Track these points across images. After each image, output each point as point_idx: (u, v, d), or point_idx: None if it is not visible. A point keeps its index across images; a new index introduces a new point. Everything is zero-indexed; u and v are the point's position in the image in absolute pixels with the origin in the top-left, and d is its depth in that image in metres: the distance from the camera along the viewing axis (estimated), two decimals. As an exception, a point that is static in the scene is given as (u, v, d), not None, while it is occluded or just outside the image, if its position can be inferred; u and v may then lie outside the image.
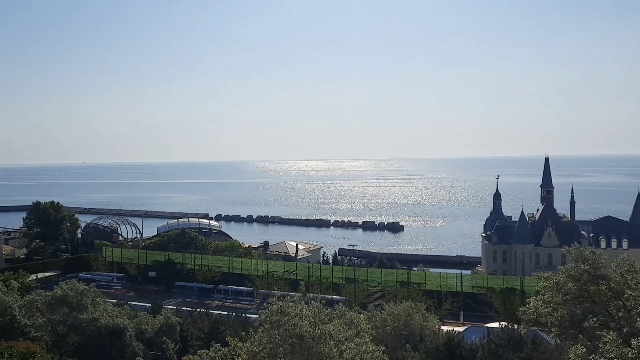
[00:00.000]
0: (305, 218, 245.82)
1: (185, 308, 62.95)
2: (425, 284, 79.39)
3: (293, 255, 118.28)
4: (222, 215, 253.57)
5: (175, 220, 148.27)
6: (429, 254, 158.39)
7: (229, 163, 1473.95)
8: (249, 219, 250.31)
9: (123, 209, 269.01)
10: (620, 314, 23.24)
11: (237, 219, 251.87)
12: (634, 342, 19.57)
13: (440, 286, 78.30)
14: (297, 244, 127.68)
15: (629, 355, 19.32)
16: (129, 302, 62.71)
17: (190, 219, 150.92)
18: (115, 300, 59.65)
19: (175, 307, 60.23)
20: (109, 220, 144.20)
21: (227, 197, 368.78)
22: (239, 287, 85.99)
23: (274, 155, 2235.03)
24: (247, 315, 60.98)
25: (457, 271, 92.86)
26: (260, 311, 28.37)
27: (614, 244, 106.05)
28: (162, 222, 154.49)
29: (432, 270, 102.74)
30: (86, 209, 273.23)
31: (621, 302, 23.75)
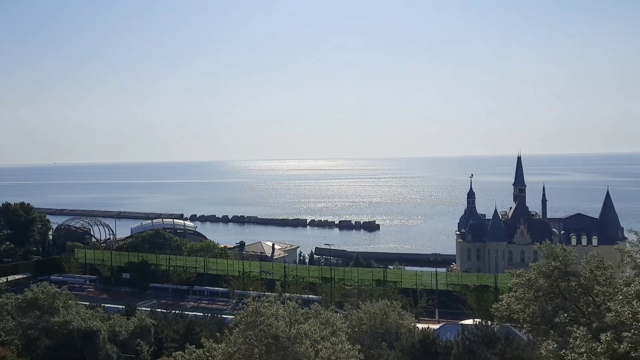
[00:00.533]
0: (281, 218, 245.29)
1: (159, 310, 62.30)
2: (401, 282, 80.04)
3: (269, 255, 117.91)
4: (198, 216, 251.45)
5: (150, 221, 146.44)
6: (405, 252, 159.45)
7: (204, 163, 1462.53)
8: (225, 219, 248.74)
9: (96, 210, 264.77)
10: (589, 309, 23.75)
11: (213, 219, 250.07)
12: (603, 336, 20.02)
13: (416, 284, 79.01)
14: (273, 244, 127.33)
15: (598, 350, 19.76)
16: (102, 305, 61.84)
17: (164, 220, 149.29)
18: (88, 303, 58.69)
19: (149, 309, 59.54)
20: (82, 222, 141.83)
21: (203, 197, 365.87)
22: (215, 288, 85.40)
23: (249, 154, 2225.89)
24: (223, 316, 60.60)
25: (432, 269, 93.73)
26: (236, 312, 28.23)
27: (584, 241, 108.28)
28: (136, 223, 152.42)
29: (407, 268, 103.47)
30: (58, 210, 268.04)
31: (591, 298, 24.26)
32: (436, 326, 55.70)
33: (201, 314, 62.15)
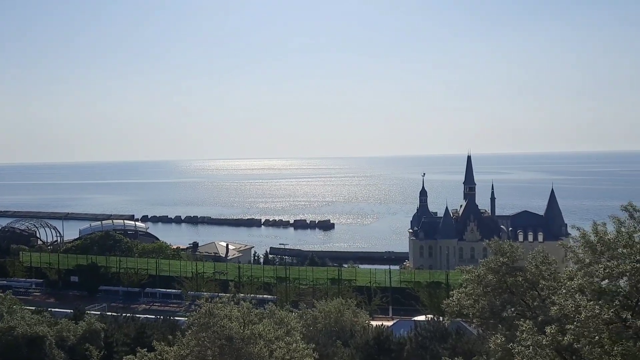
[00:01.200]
0: (235, 218, 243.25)
1: (110, 313, 60.77)
2: (355, 280, 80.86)
3: (223, 255, 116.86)
4: (149, 216, 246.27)
5: (99, 222, 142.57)
6: (359, 250, 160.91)
7: (156, 162, 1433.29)
8: (177, 220, 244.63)
9: (42, 212, 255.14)
10: (535, 303, 24.57)
11: (165, 219, 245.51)
12: (547, 329, 20.76)
13: (370, 282, 79.96)
14: (227, 244, 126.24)
15: (544, 342, 20.48)
16: (49, 309, 59.79)
17: (114, 221, 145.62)
18: (34, 308, 56.60)
19: (99, 313, 58.04)
20: (27, 224, 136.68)
21: (154, 198, 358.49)
22: (167, 290, 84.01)
23: (203, 154, 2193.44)
24: (176, 318, 59.60)
25: (386, 267, 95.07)
26: (189, 313, 27.84)
27: (530, 237, 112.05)
28: (85, 225, 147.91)
29: (362, 266, 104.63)
30: (1, 211, 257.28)
31: (536, 292, 25.10)
32: (390, 323, 56.48)
33: (153, 317, 61.02)
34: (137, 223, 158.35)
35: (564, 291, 21.82)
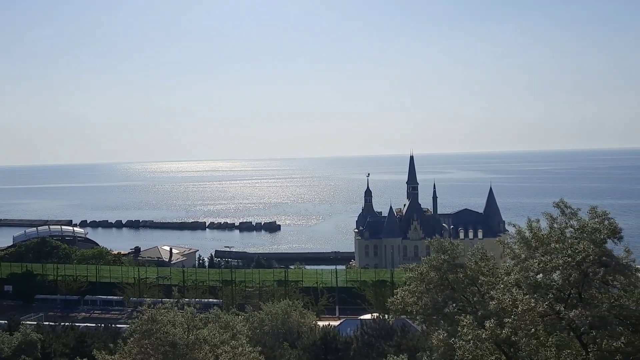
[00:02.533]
0: (179, 221, 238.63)
1: (47, 323, 58.32)
2: (302, 281, 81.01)
3: (167, 260, 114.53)
4: (88, 221, 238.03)
5: (34, 229, 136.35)
6: (306, 251, 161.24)
7: (93, 165, 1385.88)
8: (118, 224, 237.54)
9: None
10: (475, 298, 25.36)
11: (105, 224, 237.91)
12: (487, 323, 21.50)
13: (317, 282, 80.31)
14: (170, 248, 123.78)
15: (483, 336, 21.21)
16: (-20, 321, 56.75)
17: (51, 227, 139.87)
18: (-38, 320, 53.56)
19: (35, 323, 55.53)
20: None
21: (93, 202, 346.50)
22: (108, 297, 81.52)
23: (143, 156, 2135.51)
24: (118, 325, 57.94)
25: (332, 267, 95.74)
26: (131, 320, 27.09)
27: (471, 234, 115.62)
28: (19, 231, 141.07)
29: (308, 267, 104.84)
30: None
31: (476, 288, 25.92)
32: (337, 323, 56.91)
33: (94, 325, 59.08)
34: (75, 228, 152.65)
35: (501, 286, 22.66)
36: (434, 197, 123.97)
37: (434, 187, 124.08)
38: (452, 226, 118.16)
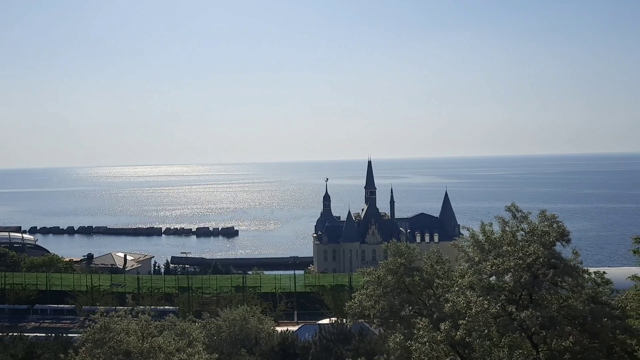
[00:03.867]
0: (134, 227, 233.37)
1: (-7, 334, 55.96)
2: (260, 287, 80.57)
3: (121, 267, 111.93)
4: (38, 228, 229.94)
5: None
6: (264, 257, 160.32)
7: (43, 169, 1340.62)
8: (70, 231, 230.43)
9: None
10: (431, 301, 25.83)
11: (56, 230, 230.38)
12: (442, 326, 21.93)
13: (275, 288, 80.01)
14: (125, 255, 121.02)
15: (439, 338, 21.62)
16: None
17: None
18: None
19: (-20, 334, 53.23)
20: None
21: (44, 208, 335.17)
22: (59, 306, 79.00)
23: (96, 160, 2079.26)
24: (69, 335, 56.19)
25: (291, 272, 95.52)
26: (83, 329, 26.32)
27: (427, 238, 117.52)
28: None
29: (266, 273, 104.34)
30: None
31: (432, 291, 26.40)
32: (295, 328, 56.75)
33: (44, 335, 57.09)
34: (24, 235, 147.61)
35: (456, 288, 23.16)
36: (392, 202, 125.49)
37: (392, 192, 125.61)
38: (409, 230, 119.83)
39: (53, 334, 56.35)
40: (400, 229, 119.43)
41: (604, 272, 23.79)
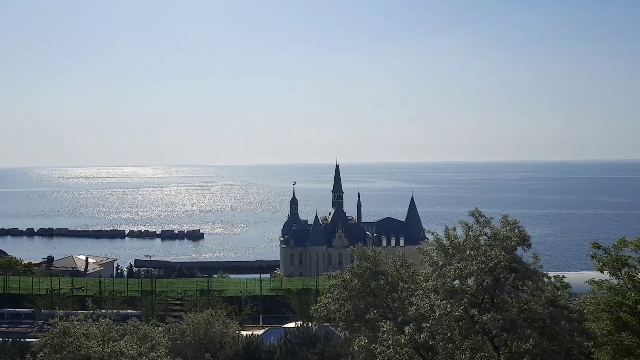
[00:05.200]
0: (96, 229, 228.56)
1: (-54, 339, 53.92)
2: (225, 290, 79.91)
3: (82, 270, 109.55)
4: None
5: None
6: (230, 260, 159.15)
7: (4, 169, 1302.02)
8: (30, 232, 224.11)
9: None
10: (396, 304, 26.11)
11: (15, 232, 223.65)
12: (406, 329, 22.17)
13: (241, 292, 79.46)
14: (86, 258, 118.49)
15: (403, 341, 21.84)
16: None
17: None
18: None
19: None
20: None
21: (1, 208, 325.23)
22: (17, 309, 76.68)
23: (56, 160, 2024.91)
24: (27, 339, 54.57)
25: (257, 275, 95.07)
26: (41, 334, 25.64)
27: (393, 242, 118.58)
28: None
29: (232, 276, 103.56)
30: None
31: (397, 294, 26.70)
32: (260, 332, 56.45)
33: (0, 340, 55.28)
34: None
35: (420, 292, 23.48)
36: (359, 206, 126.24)
37: (359, 196, 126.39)
38: (375, 234, 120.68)
39: (10, 339, 54.64)
40: (367, 232, 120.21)
41: (563, 277, 24.48)
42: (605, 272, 22.84)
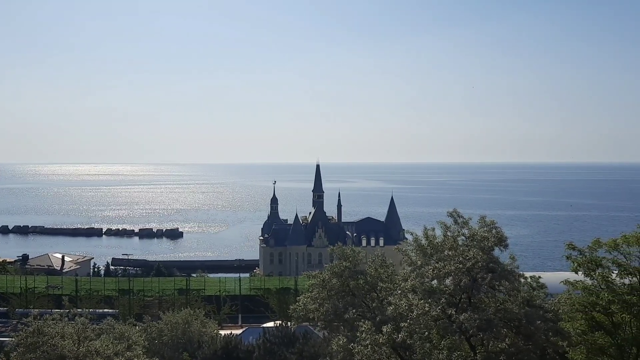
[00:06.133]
0: (73, 227, 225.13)
1: None
2: (204, 290, 79.39)
3: (58, 268, 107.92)
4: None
5: None
6: (209, 259, 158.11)
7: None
8: (4, 230, 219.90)
9: None
10: (374, 304, 26.25)
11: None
12: (384, 328, 22.28)
13: (220, 291, 79.01)
14: (63, 256, 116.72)
15: (381, 341, 21.95)
16: None
17: None
18: None
19: None
20: None
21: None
22: (-10, 309, 75.12)
23: (32, 157, 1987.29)
24: (1, 339, 53.60)
25: (236, 275, 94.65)
26: (14, 333, 25.20)
27: (372, 242, 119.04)
28: None
29: (211, 275, 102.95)
30: None
31: (376, 294, 26.83)
32: (239, 331, 56.22)
33: (-29, 340, 54.15)
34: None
35: (399, 292, 23.61)
36: (339, 206, 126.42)
37: (339, 196, 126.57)
38: (355, 234, 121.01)
39: (-18, 339, 53.62)
40: (347, 232, 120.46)
41: (539, 277, 24.84)
42: (580, 272, 23.23)
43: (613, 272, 22.90)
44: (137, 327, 37.39)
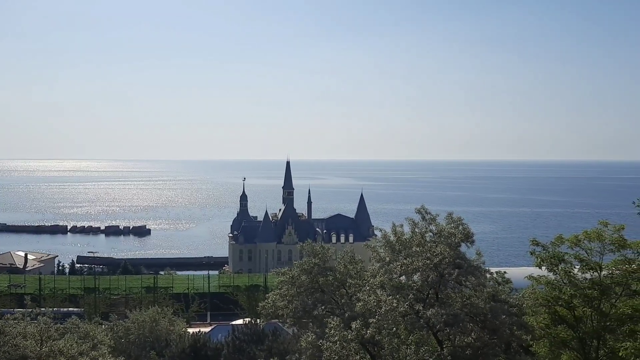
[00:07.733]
0: (36, 224, 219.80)
1: None
2: (172, 287, 78.57)
3: (21, 266, 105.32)
4: None
5: None
6: (177, 257, 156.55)
7: None
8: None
9: None
10: (343, 300, 26.36)
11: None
12: (353, 324, 22.42)
13: (188, 288, 78.31)
14: (26, 254, 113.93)
15: (349, 337, 22.08)
16: None
17: None
18: None
19: None
20: None
21: None
22: (-52, 309, 72.77)
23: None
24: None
25: (205, 272, 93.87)
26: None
27: (342, 239, 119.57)
28: None
29: (179, 273, 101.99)
30: None
31: (345, 290, 26.95)
32: (208, 329, 55.81)
33: None
34: None
35: (367, 288, 23.77)
36: (309, 202, 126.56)
37: (309, 193, 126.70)
38: (325, 231, 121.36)
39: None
40: (317, 229, 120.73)
41: (505, 272, 25.35)
42: (544, 267, 23.77)
43: (575, 267, 23.50)
44: (103, 326, 36.80)
